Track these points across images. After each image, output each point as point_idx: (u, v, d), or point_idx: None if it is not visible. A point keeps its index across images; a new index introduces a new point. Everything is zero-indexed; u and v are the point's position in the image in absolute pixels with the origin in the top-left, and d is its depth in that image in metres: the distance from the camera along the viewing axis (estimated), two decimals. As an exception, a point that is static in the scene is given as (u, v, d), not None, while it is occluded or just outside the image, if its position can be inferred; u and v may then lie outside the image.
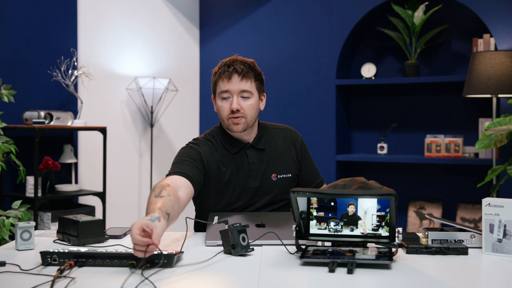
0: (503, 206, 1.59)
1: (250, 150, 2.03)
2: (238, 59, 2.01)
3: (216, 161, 2.01)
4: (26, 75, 3.56)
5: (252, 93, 1.99)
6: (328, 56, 4.27)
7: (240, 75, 1.96)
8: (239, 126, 1.97)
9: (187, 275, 1.40)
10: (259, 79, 2.03)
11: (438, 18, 4.11)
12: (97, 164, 3.87)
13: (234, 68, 1.97)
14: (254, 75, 2.00)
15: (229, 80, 1.96)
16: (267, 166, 2.04)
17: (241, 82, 1.96)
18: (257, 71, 2.02)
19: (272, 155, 2.06)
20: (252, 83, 1.99)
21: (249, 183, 2.01)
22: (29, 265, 1.47)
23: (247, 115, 1.97)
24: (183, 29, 4.72)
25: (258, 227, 1.82)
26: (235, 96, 1.96)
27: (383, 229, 1.55)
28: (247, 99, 1.98)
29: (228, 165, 2.01)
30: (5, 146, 2.58)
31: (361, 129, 4.48)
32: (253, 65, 2.02)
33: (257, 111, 2.02)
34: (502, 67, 3.36)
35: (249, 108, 1.97)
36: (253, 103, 1.99)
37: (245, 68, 1.98)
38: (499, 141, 3.04)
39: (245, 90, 1.97)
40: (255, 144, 2.04)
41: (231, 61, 2.00)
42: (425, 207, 4.16)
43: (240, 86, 1.96)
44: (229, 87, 1.96)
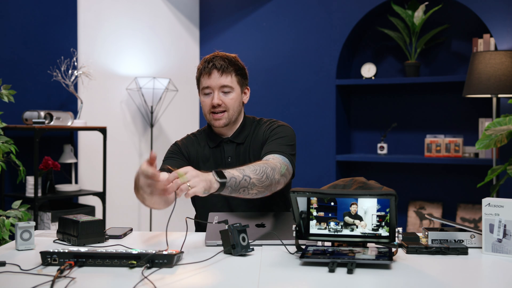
0: (503, 206, 1.59)
1: (227, 145, 2.07)
2: (218, 55, 2.05)
3: (195, 155, 2.08)
4: (26, 75, 3.56)
5: (233, 87, 2.03)
6: (328, 56, 4.27)
7: (220, 70, 2.01)
8: (220, 121, 2.02)
9: (187, 275, 1.40)
10: (241, 74, 2.06)
11: (438, 18, 4.11)
12: (97, 164, 3.87)
13: (213, 64, 2.01)
14: (235, 70, 2.04)
15: (209, 76, 2.02)
16: (245, 160, 2.04)
17: (221, 77, 2.01)
18: (238, 65, 2.05)
19: (253, 149, 2.05)
20: (232, 77, 2.03)
21: None
22: (29, 265, 1.47)
23: (229, 109, 2.02)
24: (183, 29, 4.72)
25: (258, 227, 1.82)
26: (216, 91, 2.01)
27: (383, 229, 1.55)
28: (228, 93, 2.03)
29: (207, 159, 2.07)
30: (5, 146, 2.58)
31: (361, 129, 4.48)
32: (235, 60, 2.05)
33: (239, 105, 2.06)
34: (502, 67, 3.36)
35: (230, 102, 2.02)
36: (234, 97, 2.03)
37: (225, 64, 2.01)
38: (499, 141, 3.04)
39: (225, 85, 2.02)
40: (233, 139, 2.07)
41: (211, 57, 2.05)
42: (425, 207, 4.16)
43: (220, 81, 2.01)
44: (209, 83, 2.02)
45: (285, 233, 1.73)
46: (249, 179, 1.71)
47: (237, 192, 1.70)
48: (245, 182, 1.70)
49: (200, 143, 2.10)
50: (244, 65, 2.11)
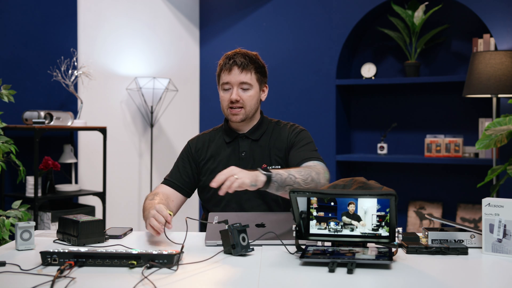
0: (503, 206, 1.59)
1: (242, 140, 2.12)
2: (240, 52, 2.09)
3: (207, 148, 2.14)
4: (26, 75, 3.56)
5: (252, 84, 2.07)
6: (328, 56, 4.27)
7: (240, 67, 2.05)
8: (237, 116, 2.07)
9: (187, 275, 1.41)
10: (260, 71, 2.10)
11: (438, 18, 4.11)
12: (97, 164, 3.87)
13: (234, 60, 2.06)
14: (255, 67, 2.07)
15: (230, 72, 2.06)
16: (259, 156, 2.09)
17: (240, 74, 2.05)
18: (258, 63, 2.10)
19: (267, 147, 2.11)
20: (252, 75, 2.07)
21: None
22: (29, 265, 1.47)
23: (246, 105, 2.07)
24: (183, 29, 4.72)
25: (258, 227, 1.82)
26: (235, 88, 2.06)
27: (383, 229, 1.55)
28: (247, 90, 2.07)
29: (221, 153, 2.12)
30: (5, 146, 2.58)
31: (361, 129, 4.48)
32: (255, 58, 2.10)
33: (257, 102, 2.11)
34: (502, 67, 3.36)
35: (248, 99, 2.07)
36: (252, 94, 2.07)
37: (245, 61, 2.05)
38: (499, 141, 3.04)
39: (244, 82, 2.06)
40: (248, 135, 2.12)
41: (233, 53, 2.09)
42: (425, 207, 4.16)
43: (240, 78, 2.05)
44: (229, 79, 2.06)
45: (285, 233, 1.73)
46: (294, 178, 1.79)
47: (284, 189, 1.78)
48: (291, 180, 1.78)
49: (214, 139, 2.16)
50: (265, 63, 2.15)
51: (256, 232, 1.74)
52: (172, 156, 4.58)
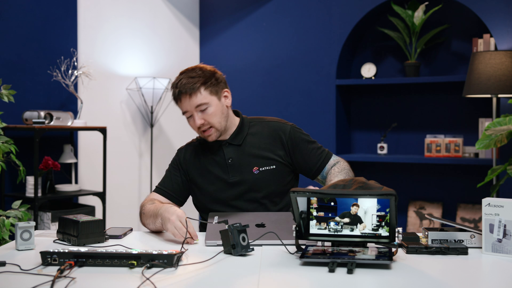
0: (503, 206, 1.59)
1: (226, 147, 2.10)
2: (183, 75, 2.02)
3: (194, 161, 2.13)
4: (26, 75, 3.56)
5: (207, 102, 2.01)
6: (328, 56, 4.27)
7: (188, 94, 1.99)
8: (211, 136, 2.05)
9: (187, 275, 1.41)
10: (210, 84, 2.02)
11: (438, 18, 4.11)
12: (97, 164, 3.87)
13: (179, 90, 2.00)
14: (202, 84, 2.00)
15: (181, 101, 2.02)
16: (247, 160, 2.08)
17: (191, 99, 2.00)
18: (204, 77, 2.01)
19: (253, 149, 2.09)
20: (202, 93, 2.00)
21: (229, 178, 2.07)
22: (29, 265, 1.47)
23: (214, 123, 2.03)
24: (183, 29, 4.72)
25: (258, 227, 1.82)
26: (194, 113, 2.02)
27: (383, 229, 1.55)
28: (206, 109, 2.01)
29: (207, 162, 2.11)
30: (5, 146, 2.58)
31: (361, 129, 4.48)
32: (200, 73, 2.02)
33: (223, 113, 2.05)
34: (502, 67, 3.36)
35: (211, 117, 2.02)
36: (213, 110, 2.02)
37: (189, 84, 1.99)
38: (499, 141, 3.04)
39: (199, 104, 2.00)
40: (231, 141, 2.10)
41: (176, 81, 2.02)
42: (425, 207, 4.16)
43: (193, 103, 2.00)
44: (185, 108, 2.03)
45: (285, 233, 1.73)
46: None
47: None
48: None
49: (200, 149, 2.14)
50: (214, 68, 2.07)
51: (256, 232, 1.74)
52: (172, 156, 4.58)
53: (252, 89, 4.62)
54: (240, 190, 2.07)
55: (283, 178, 2.10)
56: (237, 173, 2.07)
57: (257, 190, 2.07)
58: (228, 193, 2.07)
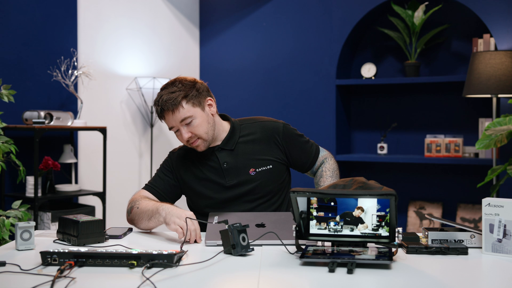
0: (503, 206, 1.59)
1: (219, 152, 2.09)
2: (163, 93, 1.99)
3: (187, 166, 2.11)
4: (26, 75, 3.56)
5: (191, 115, 1.99)
6: (328, 56, 4.27)
7: (170, 110, 1.97)
8: (200, 147, 2.04)
9: (187, 275, 1.41)
10: (191, 96, 1.99)
11: (438, 18, 4.11)
12: (97, 164, 3.87)
13: (161, 107, 1.98)
14: (183, 98, 1.97)
15: (165, 118, 2.01)
16: (242, 163, 2.08)
17: (174, 114, 1.98)
18: (184, 90, 1.98)
19: (247, 151, 2.09)
20: (184, 107, 1.98)
21: (226, 182, 2.07)
22: (29, 265, 1.47)
23: (201, 134, 2.01)
24: (183, 29, 4.72)
25: (258, 227, 1.82)
26: (180, 127, 2.00)
27: (383, 229, 1.55)
28: (191, 122, 1.99)
29: (203, 168, 2.09)
30: (5, 146, 2.58)
31: (361, 129, 4.48)
32: (180, 86, 1.99)
33: (209, 122, 2.03)
34: (502, 67, 3.36)
35: (197, 128, 2.00)
36: (199, 122, 2.00)
37: (170, 100, 1.96)
38: (499, 141, 3.04)
39: (183, 119, 1.98)
40: (223, 146, 2.09)
41: (157, 99, 2.00)
42: (425, 207, 4.16)
43: (177, 118, 1.98)
44: (170, 124, 2.02)
45: (285, 233, 1.73)
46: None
47: None
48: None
49: (192, 154, 2.13)
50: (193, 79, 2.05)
51: (256, 232, 1.74)
52: (172, 156, 4.58)
53: (252, 89, 4.62)
54: (238, 193, 2.07)
55: (279, 177, 2.12)
56: (234, 177, 2.06)
57: (255, 191, 2.07)
58: (225, 196, 2.07)
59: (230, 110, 4.51)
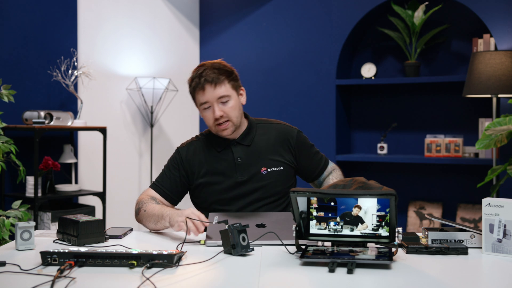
0: (503, 206, 1.59)
1: (235, 146, 2.09)
2: (206, 66, 2.03)
3: (199, 160, 2.09)
4: (26, 75, 3.56)
5: (230, 95, 2.03)
6: (328, 56, 4.27)
7: (213, 83, 2.00)
8: (227, 130, 2.04)
9: (187, 275, 1.41)
10: (232, 78, 2.05)
11: (438, 18, 4.11)
12: (97, 164, 3.87)
13: (205, 79, 2.00)
14: (226, 77, 2.02)
15: (204, 91, 2.01)
16: (255, 160, 2.09)
17: (215, 89, 2.00)
18: (227, 71, 2.04)
19: (261, 150, 2.10)
20: (226, 86, 2.02)
21: (237, 177, 2.07)
22: (29, 265, 1.47)
23: (232, 117, 2.03)
24: (183, 29, 4.72)
25: (258, 227, 1.82)
26: (215, 104, 2.01)
27: (383, 229, 1.55)
28: (227, 102, 2.02)
29: (215, 162, 2.09)
30: (5, 146, 2.58)
31: (361, 129, 4.48)
32: (223, 66, 2.05)
33: (240, 109, 2.08)
34: (502, 67, 3.36)
35: (231, 110, 2.03)
36: (233, 104, 2.04)
37: (215, 75, 2.00)
38: (499, 141, 3.04)
39: (222, 96, 2.01)
40: (240, 141, 2.10)
41: (200, 71, 2.02)
42: (425, 207, 4.16)
43: (216, 93, 2.00)
44: (206, 98, 2.01)
45: (285, 233, 1.73)
46: None
47: None
48: None
49: (204, 149, 2.12)
50: (232, 66, 2.10)
51: (256, 232, 1.74)
52: (172, 156, 4.58)
53: (252, 89, 4.62)
54: (247, 190, 2.07)
55: (288, 180, 2.13)
56: (245, 173, 2.07)
57: (264, 190, 2.08)
58: (234, 192, 2.07)
59: (230, 110, 4.51)
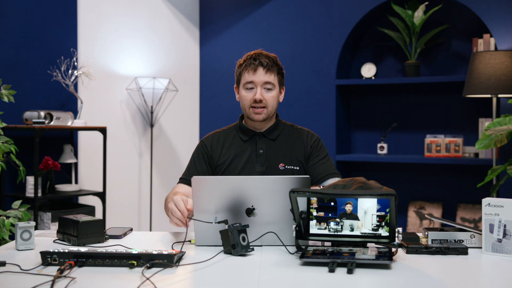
0: (503, 206, 1.59)
1: (260, 138, 2.17)
2: (263, 53, 2.16)
3: (222, 147, 2.18)
4: (26, 75, 3.56)
5: (275, 85, 2.15)
6: (328, 56, 4.27)
7: (265, 68, 2.12)
8: (260, 115, 2.13)
9: (187, 275, 1.41)
10: (281, 73, 2.19)
11: (438, 18, 4.11)
12: (97, 164, 3.87)
13: (259, 61, 2.12)
14: (277, 69, 2.16)
15: (255, 72, 2.12)
16: (276, 154, 2.15)
17: (265, 74, 2.12)
18: (279, 65, 2.19)
19: (283, 146, 2.17)
20: (275, 76, 2.15)
21: (255, 167, 2.12)
22: (29, 265, 1.47)
23: (269, 105, 2.14)
24: (183, 29, 4.72)
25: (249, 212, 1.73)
26: (259, 87, 2.12)
27: (383, 229, 1.55)
28: (270, 90, 2.14)
29: (237, 150, 2.16)
30: (5, 146, 2.58)
31: (361, 129, 4.48)
32: (276, 60, 2.19)
33: (277, 103, 2.18)
34: (502, 67, 3.36)
35: (271, 99, 2.14)
36: (274, 94, 2.15)
37: (270, 62, 2.13)
38: (499, 141, 3.04)
39: (268, 82, 2.12)
40: (266, 134, 2.18)
41: (256, 54, 2.15)
42: (425, 207, 4.16)
43: (265, 78, 2.12)
44: (254, 79, 2.12)
45: (285, 233, 1.72)
46: None
47: None
48: None
49: (229, 137, 2.19)
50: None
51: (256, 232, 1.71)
52: (172, 156, 4.58)
53: (252, 89, 4.62)
54: None
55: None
56: (264, 165, 2.12)
57: None
58: None
59: (230, 110, 4.51)
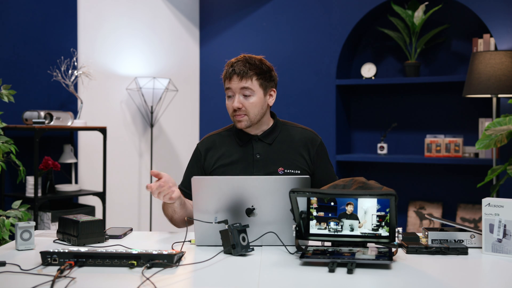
0: (503, 206, 1.59)
1: (256, 142, 2.12)
2: (242, 59, 2.09)
3: (217, 150, 2.14)
4: (26, 75, 3.56)
5: (254, 90, 2.06)
6: (328, 56, 4.27)
7: (239, 75, 2.05)
8: (242, 123, 2.07)
9: (187, 275, 1.41)
10: (263, 77, 2.09)
11: (438, 18, 4.11)
12: (97, 164, 3.87)
13: (233, 69, 2.06)
14: (256, 73, 2.07)
15: (230, 80, 2.07)
16: (274, 159, 2.10)
17: (240, 81, 2.05)
18: (261, 68, 2.09)
19: (282, 150, 2.11)
20: (253, 81, 2.06)
21: (253, 172, 2.08)
22: (29, 265, 1.47)
23: (249, 112, 2.06)
24: (183, 29, 4.72)
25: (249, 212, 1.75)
26: (237, 95, 2.07)
27: (383, 229, 1.55)
28: (249, 97, 2.06)
29: (233, 155, 2.12)
30: (5, 146, 2.58)
31: (361, 129, 4.48)
32: (259, 63, 2.09)
33: (262, 108, 2.09)
34: (502, 67, 3.36)
35: (250, 105, 2.06)
36: (255, 100, 2.06)
37: (245, 69, 2.05)
38: (499, 141, 3.04)
39: (245, 88, 2.05)
40: (262, 138, 2.12)
41: (234, 61, 2.10)
42: (425, 207, 4.16)
43: (240, 84, 2.05)
44: (230, 86, 2.08)
45: (285, 233, 1.72)
46: None
47: None
48: None
49: (225, 141, 2.15)
50: (272, 66, 2.15)
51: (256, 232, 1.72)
52: (172, 156, 4.58)
53: (252, 89, 4.62)
54: None
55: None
56: (262, 170, 2.08)
57: None
58: None
59: (230, 110, 4.51)
